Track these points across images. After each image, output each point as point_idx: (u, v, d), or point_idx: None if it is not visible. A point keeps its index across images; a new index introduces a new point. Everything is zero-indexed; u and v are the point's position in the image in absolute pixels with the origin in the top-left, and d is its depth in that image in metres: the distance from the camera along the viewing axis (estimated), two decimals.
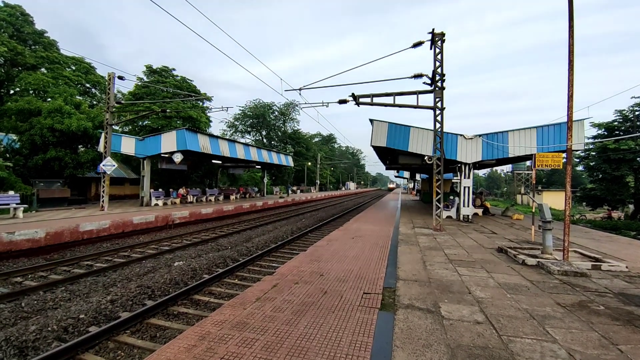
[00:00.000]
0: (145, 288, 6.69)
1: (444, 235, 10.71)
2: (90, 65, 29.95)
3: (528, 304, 4.61)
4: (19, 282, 7.40)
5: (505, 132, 14.23)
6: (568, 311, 4.40)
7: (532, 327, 3.87)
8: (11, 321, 5.33)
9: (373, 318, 4.04)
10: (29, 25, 26.83)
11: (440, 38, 11.47)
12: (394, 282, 5.54)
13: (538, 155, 8.84)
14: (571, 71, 6.72)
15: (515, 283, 5.62)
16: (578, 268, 6.28)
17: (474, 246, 8.98)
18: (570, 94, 6.73)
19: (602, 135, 27.06)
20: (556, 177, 66.48)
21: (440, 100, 11.58)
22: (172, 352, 3.19)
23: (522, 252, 7.72)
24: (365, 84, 13.18)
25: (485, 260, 7.27)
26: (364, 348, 3.31)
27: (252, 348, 3.27)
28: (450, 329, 3.77)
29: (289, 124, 56.52)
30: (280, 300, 4.59)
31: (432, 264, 6.89)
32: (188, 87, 30.56)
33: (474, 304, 4.57)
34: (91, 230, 11.76)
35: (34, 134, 19.43)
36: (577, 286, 5.52)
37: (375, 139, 15.00)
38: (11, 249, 9.25)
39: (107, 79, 17.51)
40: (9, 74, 23.87)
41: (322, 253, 7.65)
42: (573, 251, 7.87)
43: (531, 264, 6.85)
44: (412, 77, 11.89)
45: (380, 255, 7.54)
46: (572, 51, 6.70)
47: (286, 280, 5.56)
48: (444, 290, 5.15)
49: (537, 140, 13.68)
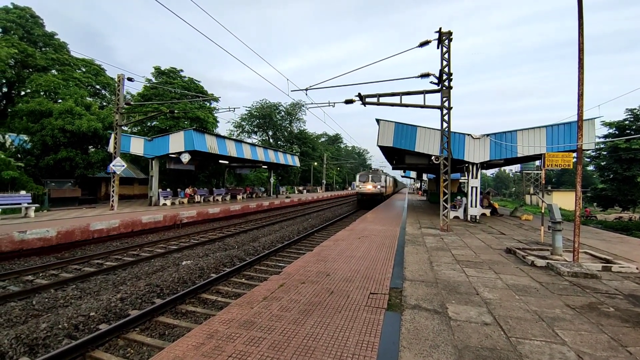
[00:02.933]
0: (154, 286, 6.79)
1: (451, 236, 10.63)
2: (100, 67, 30.34)
3: (537, 306, 4.56)
4: (30, 281, 7.55)
5: (513, 132, 14.07)
6: (577, 313, 4.34)
7: (541, 329, 3.83)
8: (22, 319, 5.42)
9: (380, 318, 4.03)
10: (39, 27, 27.22)
11: (447, 37, 11.39)
12: (400, 282, 5.53)
13: (548, 154, 8.72)
14: (581, 69, 6.61)
15: (524, 284, 5.56)
16: (588, 269, 6.20)
17: (482, 247, 8.90)
18: (581, 93, 6.63)
19: (613, 134, 26.59)
20: (566, 177, 65.53)
21: (447, 99, 11.50)
22: (181, 349, 3.23)
23: (531, 253, 7.63)
24: (371, 84, 13.16)
25: (493, 261, 7.21)
26: (371, 348, 3.31)
27: (260, 347, 3.30)
28: (457, 330, 3.75)
29: (295, 124, 56.62)
30: (287, 300, 4.61)
31: (439, 264, 6.85)
32: (195, 87, 30.79)
33: (482, 305, 4.54)
34: (101, 229, 11.94)
35: (45, 134, 19.78)
36: (587, 288, 5.44)
37: (382, 139, 14.96)
38: (22, 247, 9.44)
39: (116, 80, 17.74)
40: (19, 76, 24.27)
41: (329, 253, 7.66)
42: (583, 252, 7.76)
43: (540, 265, 6.77)
44: (418, 76, 11.83)
45: (387, 255, 7.52)
46: (582, 49, 6.60)
47: (293, 279, 5.58)
48: (451, 291, 5.12)
49: (547, 140, 13.50)
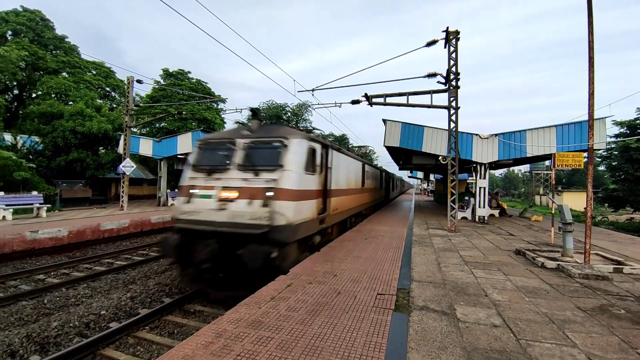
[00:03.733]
0: (163, 285, 6.87)
1: (459, 237, 10.54)
2: (110, 69, 30.82)
3: (547, 308, 4.50)
4: (41, 280, 7.70)
5: (523, 131, 13.89)
6: (588, 315, 4.27)
7: (551, 331, 3.78)
8: (33, 318, 5.52)
9: (387, 319, 4.02)
10: (49, 30, 27.69)
11: (454, 36, 11.31)
12: (408, 283, 5.50)
13: (558, 154, 8.60)
14: (591, 68, 6.51)
15: (534, 286, 5.49)
16: (599, 271, 6.09)
17: (491, 248, 8.81)
18: (591, 92, 6.52)
19: (624, 134, 26.03)
20: (576, 177, 64.41)
21: (455, 99, 11.41)
22: (190, 348, 3.27)
23: (541, 255, 7.53)
24: (377, 84, 13.12)
25: (502, 263, 7.13)
26: (378, 349, 3.31)
27: (267, 346, 3.32)
28: (466, 332, 3.72)
29: (302, 125, 56.71)
30: (294, 300, 4.63)
31: (447, 265, 6.80)
32: (203, 89, 31.08)
33: (491, 307, 4.49)
34: (112, 229, 12.12)
35: (56, 136, 20.16)
36: (598, 290, 5.35)
37: (389, 139, 14.90)
38: (34, 247, 9.64)
39: (126, 82, 18.00)
40: (30, 78, 24.73)
41: (336, 253, 7.66)
42: (594, 254, 7.63)
43: (551, 267, 6.67)
44: (425, 76, 11.77)
45: (394, 256, 7.49)
46: (592, 47, 6.49)
47: (300, 279, 5.60)
48: (460, 293, 5.08)
49: (557, 140, 13.30)
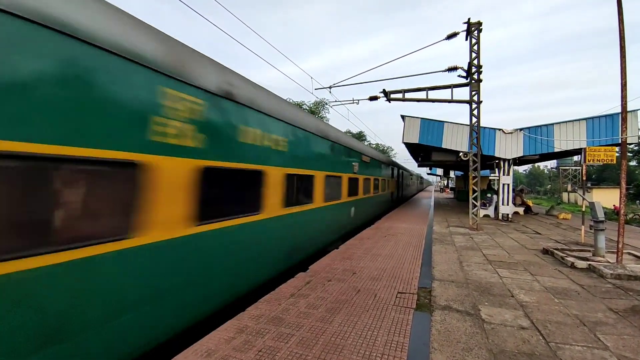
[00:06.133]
0: None
1: (482, 235, 10.25)
2: None
3: (578, 310, 4.30)
4: None
5: (550, 125, 13.33)
6: (620, 317, 4.06)
7: (582, 334, 3.61)
8: None
9: (408, 318, 3.96)
10: None
11: (476, 28, 10.96)
12: (429, 282, 5.40)
13: (589, 149, 8.22)
14: (623, 58, 6.14)
15: (563, 287, 5.26)
16: (632, 271, 5.78)
17: (516, 247, 8.52)
18: (624, 83, 6.16)
19: None
20: (607, 173, 61.27)
21: (477, 93, 11.07)
22: (213, 342, 3.33)
23: (570, 254, 7.20)
24: (396, 79, 12.92)
25: (528, 262, 6.87)
26: (400, 348, 3.26)
27: (288, 343, 3.34)
28: (491, 334, 3.61)
29: None
30: (314, 297, 4.63)
31: (469, 264, 6.62)
32: None
33: (518, 308, 4.34)
34: None
35: None
36: (630, 290, 5.08)
37: (407, 135, 14.67)
38: None
39: None
40: None
41: (354, 251, 7.62)
42: (627, 253, 7.23)
43: (581, 267, 6.38)
44: (446, 70, 11.49)
45: (414, 254, 7.38)
46: (623, 37, 6.12)
47: (319, 277, 5.60)
48: (484, 293, 4.93)
49: (587, 133, 12.69)
